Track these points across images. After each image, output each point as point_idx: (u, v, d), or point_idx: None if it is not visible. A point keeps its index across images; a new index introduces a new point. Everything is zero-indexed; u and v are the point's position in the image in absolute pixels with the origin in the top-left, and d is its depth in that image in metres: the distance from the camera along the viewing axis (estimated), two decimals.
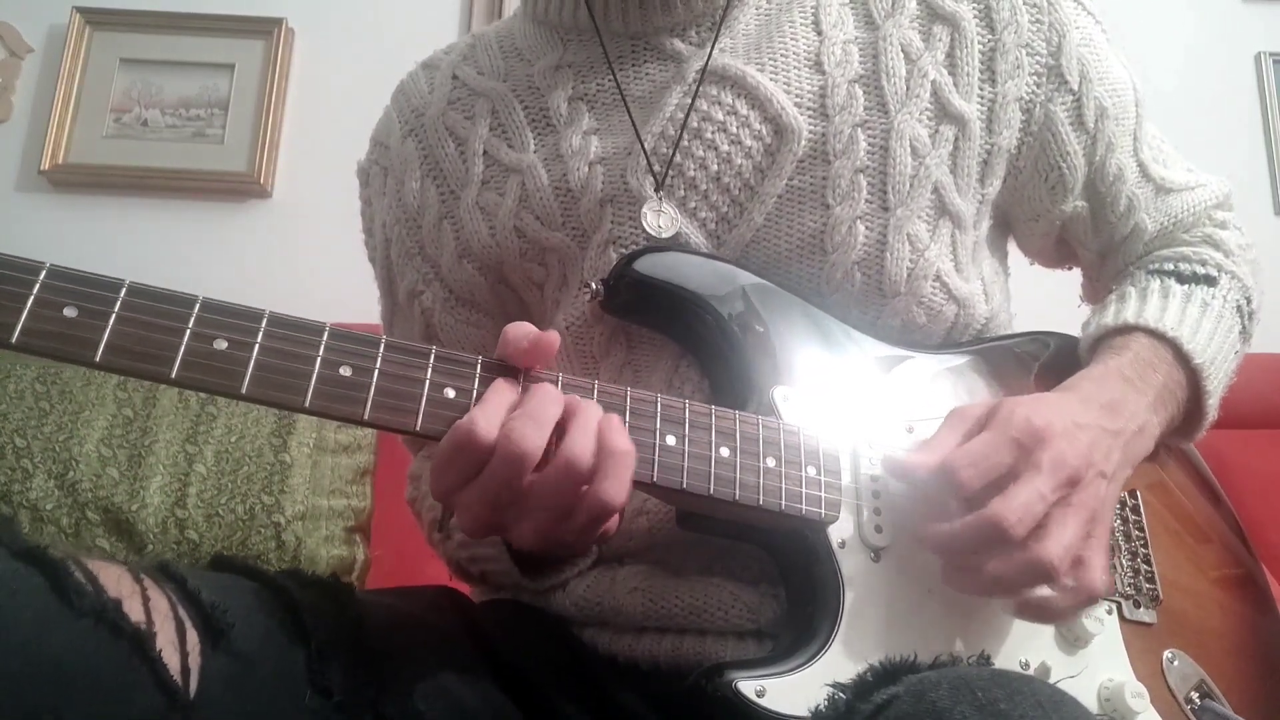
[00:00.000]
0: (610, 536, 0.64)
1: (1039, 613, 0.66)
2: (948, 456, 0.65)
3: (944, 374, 0.78)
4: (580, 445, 0.59)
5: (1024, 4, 0.82)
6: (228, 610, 0.58)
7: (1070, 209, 0.86)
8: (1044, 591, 0.64)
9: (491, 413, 0.59)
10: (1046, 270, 0.97)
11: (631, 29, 0.83)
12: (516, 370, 0.63)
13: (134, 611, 0.53)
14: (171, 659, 0.54)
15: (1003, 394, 0.79)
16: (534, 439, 0.58)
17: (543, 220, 0.80)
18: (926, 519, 0.66)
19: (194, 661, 0.55)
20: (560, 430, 0.59)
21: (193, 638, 0.56)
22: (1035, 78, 0.82)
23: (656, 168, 0.78)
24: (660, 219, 0.77)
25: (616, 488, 0.59)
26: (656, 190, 0.77)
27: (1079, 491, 0.65)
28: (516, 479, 0.58)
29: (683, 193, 0.78)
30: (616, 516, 0.62)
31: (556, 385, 0.63)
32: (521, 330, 0.63)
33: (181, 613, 0.56)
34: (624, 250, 0.77)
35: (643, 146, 0.78)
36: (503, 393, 0.61)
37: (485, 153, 0.84)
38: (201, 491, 1.49)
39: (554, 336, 0.62)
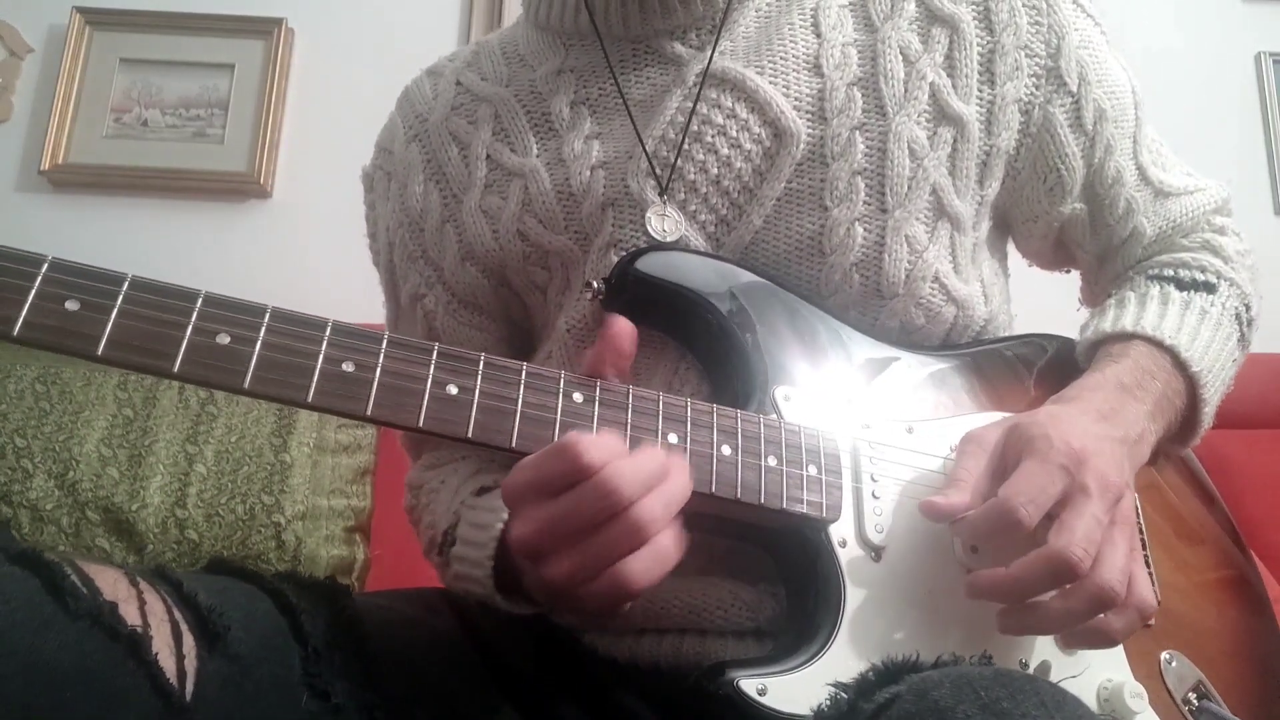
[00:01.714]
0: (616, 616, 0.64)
1: (1097, 638, 0.65)
2: (1004, 497, 0.63)
3: (943, 375, 0.78)
4: (653, 510, 0.58)
5: (1023, 6, 0.82)
6: (224, 613, 0.58)
7: (1069, 211, 0.86)
8: (1100, 616, 0.63)
9: (604, 444, 0.58)
10: (1047, 272, 0.97)
11: (632, 33, 0.83)
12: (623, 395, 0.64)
13: (130, 615, 0.53)
14: (168, 662, 0.54)
15: (1001, 396, 0.79)
16: (632, 487, 0.57)
17: (545, 223, 0.80)
18: (962, 560, 0.66)
19: (190, 665, 0.55)
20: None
21: (189, 641, 0.56)
22: (1034, 79, 0.82)
23: (658, 171, 0.78)
24: (665, 223, 0.77)
25: (642, 573, 0.58)
26: (660, 194, 0.77)
27: (1117, 509, 0.65)
28: (596, 516, 0.57)
29: (682, 196, 0.78)
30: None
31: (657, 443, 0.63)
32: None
33: (178, 616, 0.56)
34: (625, 253, 0.77)
35: (645, 150, 0.78)
36: (617, 438, 0.60)
37: (488, 157, 0.84)
38: (201, 491, 1.49)
39: (615, 322, 0.63)
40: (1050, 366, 0.83)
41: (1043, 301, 0.98)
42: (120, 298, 0.54)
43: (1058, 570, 0.60)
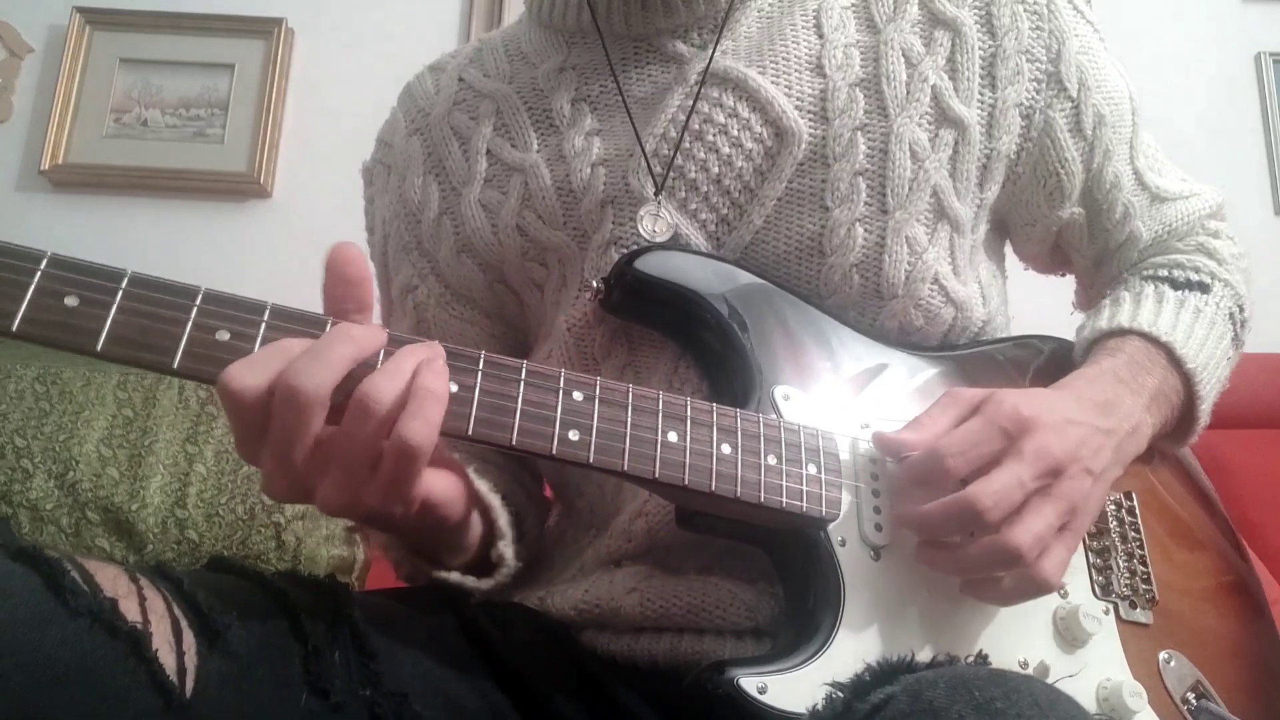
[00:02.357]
0: (444, 523, 0.62)
1: (983, 591, 0.67)
2: (937, 442, 0.66)
3: (940, 375, 0.79)
4: (380, 384, 0.55)
5: (1024, 11, 0.83)
6: (224, 611, 0.58)
7: (1067, 215, 0.86)
8: (999, 574, 0.65)
9: (260, 360, 0.54)
10: (1043, 276, 0.97)
11: (634, 31, 0.83)
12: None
13: (130, 612, 0.53)
14: (168, 659, 0.54)
15: None
16: (313, 377, 0.53)
17: (545, 219, 0.81)
18: (907, 499, 0.67)
19: (190, 662, 0.55)
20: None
21: (189, 638, 0.56)
22: (1035, 84, 0.82)
23: (657, 169, 0.78)
24: (656, 223, 0.77)
25: (420, 428, 0.54)
26: (656, 194, 0.78)
27: (1060, 483, 0.65)
28: (302, 426, 0.54)
29: (683, 194, 0.78)
30: (452, 494, 0.60)
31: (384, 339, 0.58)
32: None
33: (178, 613, 0.56)
34: (624, 251, 0.77)
35: (642, 148, 0.79)
36: (281, 343, 0.56)
37: (489, 152, 0.84)
38: (201, 491, 1.49)
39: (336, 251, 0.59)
40: (1047, 367, 0.83)
41: (1040, 305, 0.99)
42: (120, 294, 0.54)
43: (964, 514, 0.63)
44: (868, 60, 0.81)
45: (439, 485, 0.62)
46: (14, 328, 0.52)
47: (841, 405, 0.73)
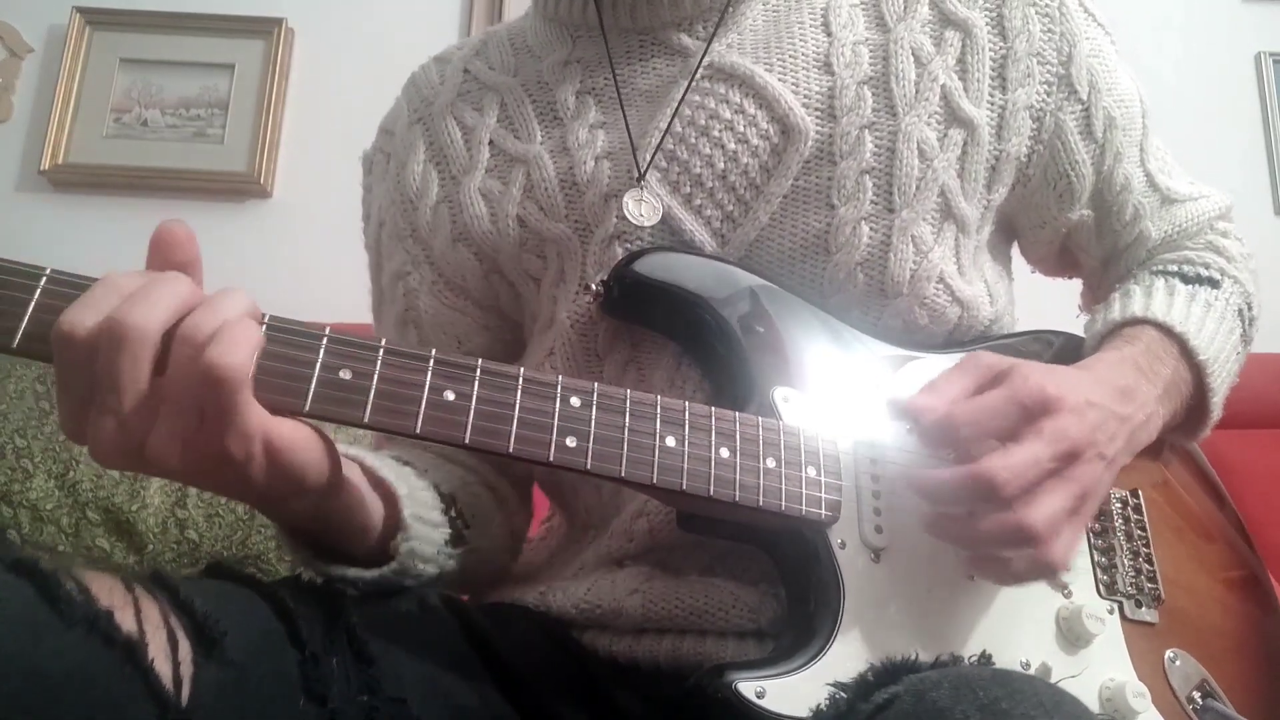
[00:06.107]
0: (303, 481, 0.58)
1: (992, 569, 0.66)
2: (952, 410, 0.64)
3: None
4: (201, 320, 0.53)
5: (1036, 13, 0.83)
6: (220, 619, 0.58)
7: (1076, 217, 0.86)
8: (1009, 553, 0.64)
9: (92, 300, 0.52)
10: (1049, 278, 0.97)
11: (639, 24, 0.83)
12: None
13: (126, 621, 0.53)
14: (164, 668, 0.53)
15: None
16: (144, 315, 0.51)
17: (546, 211, 0.81)
18: (919, 465, 0.66)
19: (186, 671, 0.54)
20: None
21: (185, 647, 0.55)
22: (1045, 86, 0.82)
23: (662, 164, 0.78)
24: (642, 207, 0.77)
25: (228, 349, 0.51)
26: (639, 179, 0.77)
27: (1075, 467, 0.65)
28: (129, 368, 0.51)
29: (688, 190, 0.78)
30: (302, 440, 0.56)
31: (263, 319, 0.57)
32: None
33: (174, 622, 0.56)
34: (628, 246, 0.77)
35: (634, 144, 0.79)
36: (113, 283, 0.53)
37: (491, 142, 0.84)
38: (201, 492, 1.49)
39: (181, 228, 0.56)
40: (1055, 362, 0.83)
41: (1044, 306, 0.99)
42: None
43: (979, 486, 0.61)
44: (876, 58, 0.81)
45: (283, 429, 0.56)
46: (15, 345, 0.52)
47: (843, 405, 0.72)
